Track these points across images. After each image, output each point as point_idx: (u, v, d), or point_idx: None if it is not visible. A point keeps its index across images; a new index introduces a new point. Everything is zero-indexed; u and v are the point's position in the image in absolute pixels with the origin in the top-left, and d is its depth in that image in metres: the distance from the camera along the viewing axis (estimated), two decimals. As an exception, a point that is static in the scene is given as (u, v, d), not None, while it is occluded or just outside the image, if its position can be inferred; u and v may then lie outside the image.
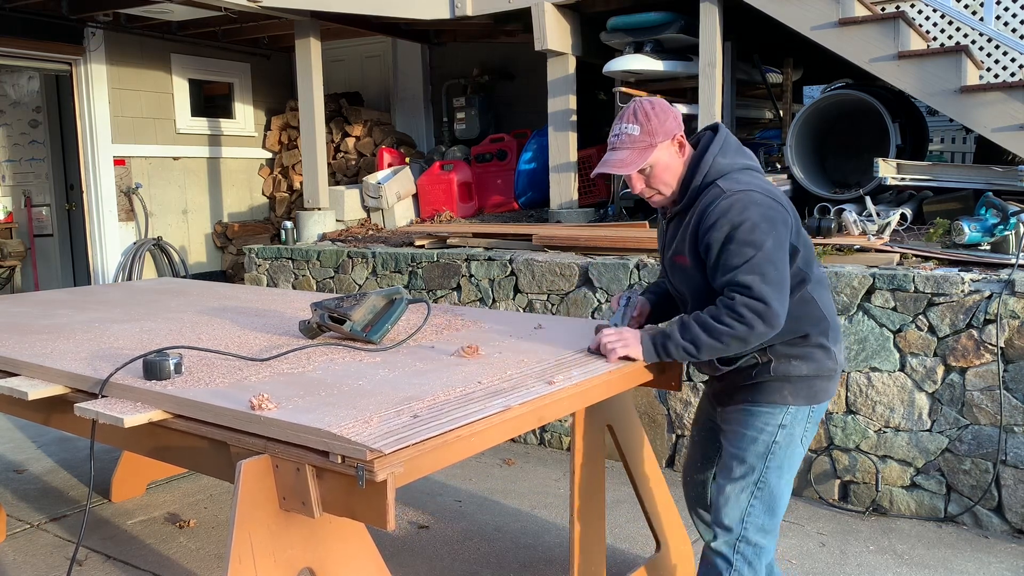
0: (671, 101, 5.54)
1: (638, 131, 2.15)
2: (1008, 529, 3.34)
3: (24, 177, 8.23)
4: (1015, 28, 5.38)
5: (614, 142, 2.19)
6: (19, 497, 3.88)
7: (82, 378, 2.14)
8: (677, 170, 2.21)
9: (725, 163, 2.17)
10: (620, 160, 2.17)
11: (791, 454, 2.24)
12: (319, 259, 5.44)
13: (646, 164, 2.16)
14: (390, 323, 2.52)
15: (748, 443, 2.23)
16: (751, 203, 2.06)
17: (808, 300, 2.19)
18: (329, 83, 7.33)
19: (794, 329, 2.17)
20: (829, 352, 2.22)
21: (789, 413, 2.21)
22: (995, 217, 3.63)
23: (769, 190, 2.13)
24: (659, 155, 2.16)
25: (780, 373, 2.20)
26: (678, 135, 2.19)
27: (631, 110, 2.18)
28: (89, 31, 6.78)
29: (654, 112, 2.16)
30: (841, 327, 2.33)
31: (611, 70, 5.30)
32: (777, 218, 2.08)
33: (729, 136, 2.24)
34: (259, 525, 1.74)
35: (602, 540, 2.86)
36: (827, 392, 2.25)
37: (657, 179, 2.20)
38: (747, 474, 2.23)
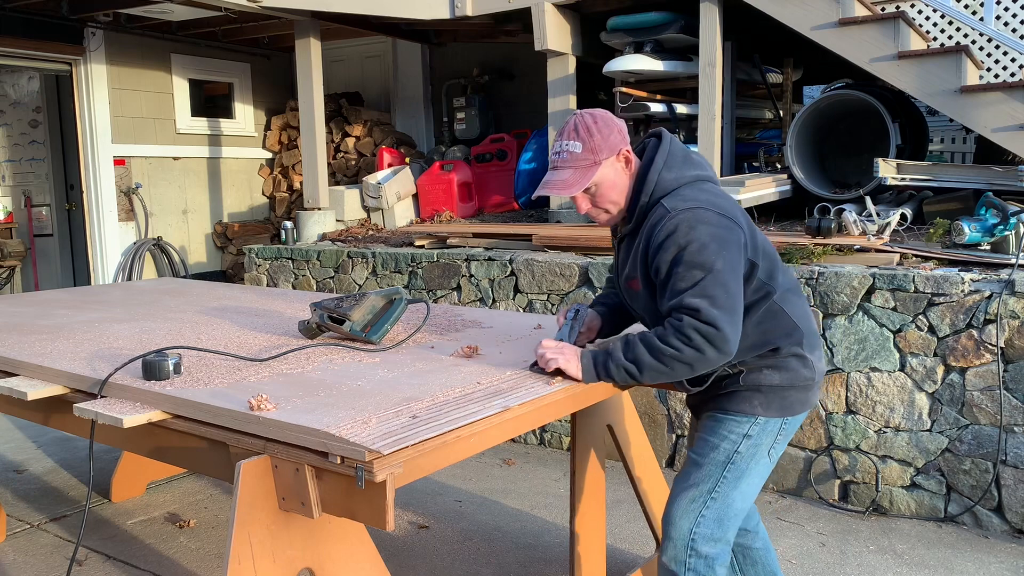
0: (671, 101, 5.56)
1: (580, 148, 2.02)
2: (1008, 529, 3.34)
3: (24, 177, 8.23)
4: (1015, 28, 5.38)
5: (555, 160, 2.06)
6: (19, 497, 3.88)
7: (81, 378, 2.14)
8: (624, 187, 2.08)
9: (671, 178, 2.03)
10: (562, 181, 2.03)
11: (754, 467, 2.12)
12: (319, 259, 5.44)
13: (591, 183, 2.03)
14: (390, 323, 2.52)
15: (708, 450, 2.13)
16: (698, 222, 1.93)
17: (776, 312, 2.08)
18: (329, 83, 7.33)
19: (764, 343, 2.07)
20: (805, 361, 2.11)
21: (757, 424, 2.10)
22: (995, 217, 3.63)
23: (718, 204, 1.99)
24: (604, 173, 2.03)
25: (751, 383, 2.10)
26: (623, 150, 2.06)
27: (571, 125, 2.05)
28: (89, 31, 6.78)
29: (597, 127, 2.03)
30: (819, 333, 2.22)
31: (611, 70, 5.30)
32: (728, 238, 1.94)
33: (674, 144, 2.09)
34: (258, 525, 1.74)
35: (602, 540, 2.86)
36: (804, 403, 2.14)
37: (603, 198, 2.07)
38: (701, 482, 2.12)
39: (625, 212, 2.11)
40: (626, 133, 2.08)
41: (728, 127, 5.48)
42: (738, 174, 5.55)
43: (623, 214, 2.11)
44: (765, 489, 3.84)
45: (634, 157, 2.09)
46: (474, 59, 7.45)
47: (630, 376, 2.00)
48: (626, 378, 2.01)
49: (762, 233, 2.10)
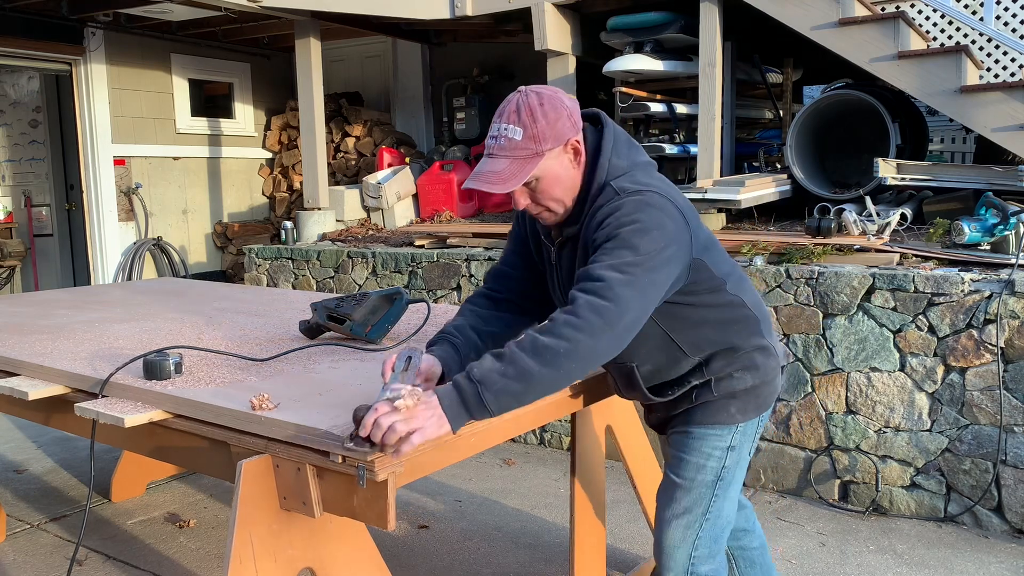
0: (671, 101, 5.55)
1: (520, 135, 1.69)
2: (1008, 529, 3.34)
3: (24, 177, 8.23)
4: (1015, 28, 5.38)
5: (491, 146, 1.72)
6: (19, 497, 3.88)
7: (82, 378, 2.14)
8: (571, 183, 1.76)
9: (622, 165, 1.76)
10: (497, 174, 1.69)
11: (739, 472, 2.01)
12: (319, 259, 5.44)
13: (530, 177, 1.71)
14: (390, 323, 2.52)
15: (694, 471, 1.95)
16: (647, 205, 1.67)
17: (735, 303, 1.89)
18: (329, 83, 7.33)
19: (728, 340, 1.89)
20: (768, 351, 1.94)
21: (738, 432, 1.94)
22: (995, 217, 3.63)
23: (668, 192, 1.75)
24: (547, 166, 1.71)
25: (724, 391, 1.91)
26: (572, 140, 1.73)
27: (513, 106, 1.71)
28: (89, 31, 6.78)
29: (542, 111, 1.69)
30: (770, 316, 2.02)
31: (611, 70, 5.30)
32: (673, 231, 1.68)
33: (617, 129, 1.82)
34: (259, 525, 1.74)
35: (602, 540, 2.86)
36: (774, 394, 1.99)
37: (545, 194, 1.75)
38: (694, 506, 1.96)
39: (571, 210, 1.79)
40: (577, 118, 1.76)
41: (728, 127, 5.48)
42: (738, 174, 5.55)
43: (568, 214, 1.80)
44: (765, 489, 3.84)
45: (585, 149, 1.78)
46: (474, 59, 7.45)
47: (514, 399, 1.57)
48: (509, 404, 1.57)
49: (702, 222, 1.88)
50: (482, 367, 1.58)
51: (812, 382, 3.70)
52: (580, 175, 1.77)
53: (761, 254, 3.95)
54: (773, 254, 3.94)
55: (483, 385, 1.55)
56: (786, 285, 3.73)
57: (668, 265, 1.68)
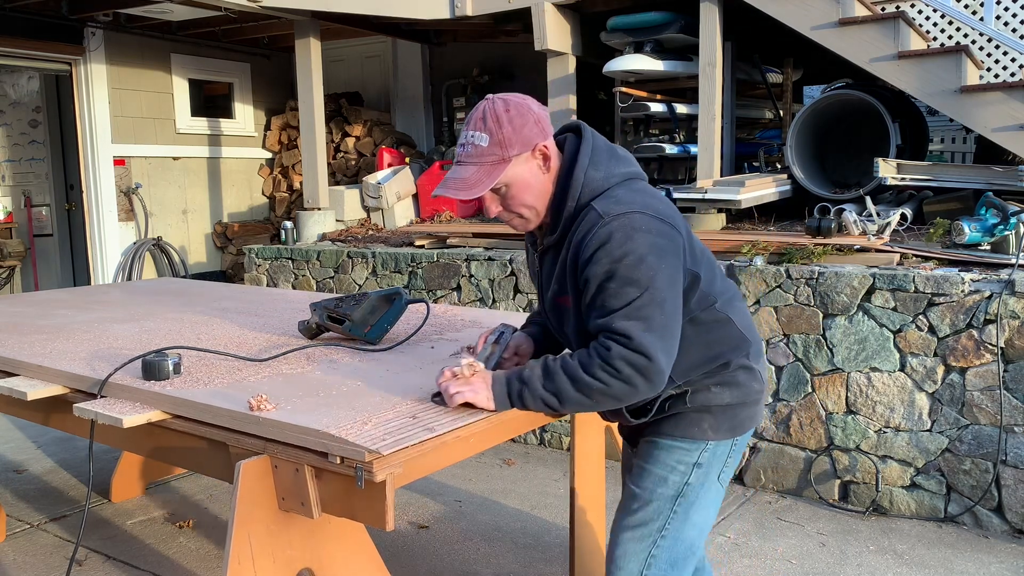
0: (671, 101, 5.55)
1: (487, 142, 1.71)
2: (1008, 529, 3.33)
3: (24, 177, 8.23)
4: (1015, 28, 5.38)
5: (459, 154, 1.75)
6: (19, 497, 3.88)
7: (81, 378, 2.14)
8: (542, 189, 1.77)
9: (599, 177, 1.74)
10: (464, 180, 1.72)
11: (705, 495, 1.89)
12: (319, 259, 5.44)
13: (499, 183, 1.73)
14: (389, 323, 2.52)
15: (654, 483, 1.87)
16: (635, 230, 1.66)
17: (723, 321, 1.84)
18: (329, 83, 7.33)
19: (713, 358, 1.83)
20: (753, 373, 1.88)
21: (708, 450, 1.86)
22: (995, 217, 3.63)
23: (654, 206, 1.72)
24: (515, 172, 1.73)
25: (699, 403, 1.85)
26: (540, 145, 1.74)
27: (480, 114, 1.74)
28: (89, 31, 6.78)
29: (508, 116, 1.71)
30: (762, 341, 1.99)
31: (611, 70, 5.30)
32: (667, 247, 1.68)
33: (597, 139, 1.81)
34: (258, 525, 1.74)
35: (602, 540, 2.86)
36: (753, 419, 1.91)
37: (515, 200, 1.76)
38: (650, 520, 1.87)
39: (547, 219, 1.81)
40: (546, 124, 1.77)
41: (728, 127, 5.48)
42: (738, 174, 5.54)
43: (543, 221, 1.82)
44: (765, 489, 3.84)
45: (555, 153, 1.78)
46: (474, 59, 7.45)
47: (549, 407, 1.75)
48: (544, 409, 1.76)
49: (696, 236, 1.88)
50: (532, 372, 1.75)
51: (812, 382, 3.69)
52: (551, 181, 1.78)
53: (761, 254, 3.94)
54: (773, 254, 3.94)
55: (527, 387, 1.75)
56: (786, 285, 3.72)
57: (672, 285, 1.70)
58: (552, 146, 1.78)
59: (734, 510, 3.64)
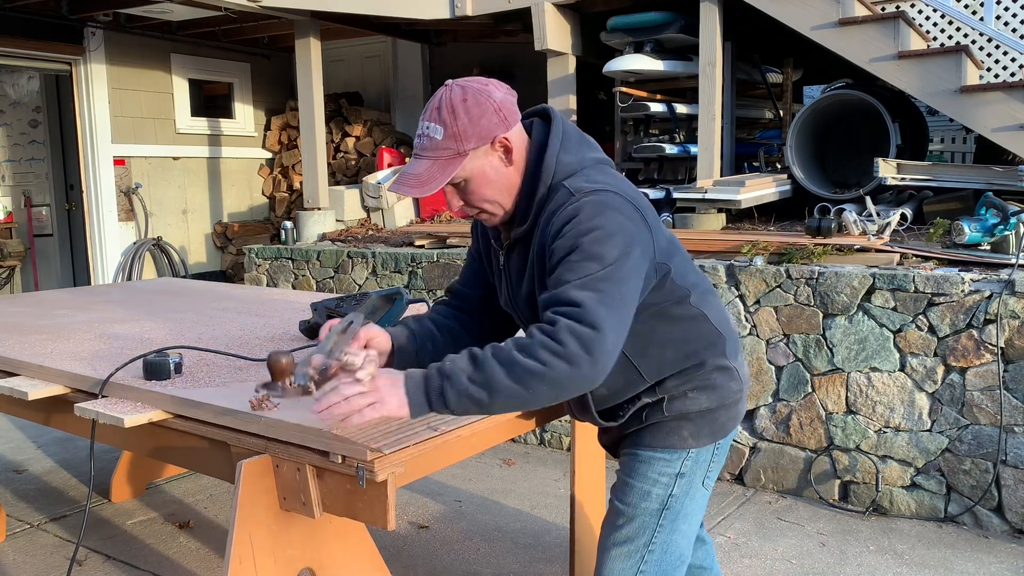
0: (671, 101, 5.55)
1: (441, 134, 1.58)
2: (1008, 529, 3.34)
3: (24, 177, 8.23)
4: (1015, 28, 5.38)
5: (417, 145, 1.63)
6: (19, 497, 3.88)
7: (82, 378, 2.14)
8: (504, 183, 1.65)
9: (571, 160, 1.65)
10: (417, 176, 1.59)
11: (690, 503, 1.82)
12: (319, 259, 5.44)
13: (456, 178, 1.61)
14: (390, 323, 2.52)
15: (638, 498, 1.79)
16: (606, 207, 1.56)
17: (697, 317, 1.74)
18: (329, 83, 7.33)
19: (687, 356, 1.74)
20: (730, 372, 1.79)
21: (689, 458, 1.78)
22: (995, 217, 3.63)
23: (626, 190, 1.64)
24: (473, 165, 1.60)
25: (677, 411, 1.76)
26: (500, 137, 1.61)
27: (436, 103, 1.60)
28: (89, 31, 6.78)
29: (464, 107, 1.58)
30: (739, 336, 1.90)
31: (611, 70, 5.30)
32: (636, 235, 1.58)
33: (567, 124, 1.71)
34: (259, 525, 1.74)
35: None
36: (734, 420, 1.83)
37: (476, 195, 1.65)
38: (635, 536, 1.80)
39: (515, 210, 1.69)
40: (508, 113, 1.62)
41: (728, 127, 5.48)
42: (738, 174, 5.55)
43: (510, 214, 1.70)
44: (765, 489, 3.84)
45: (520, 142, 1.66)
46: (474, 59, 7.45)
47: (476, 405, 1.50)
48: (469, 408, 1.50)
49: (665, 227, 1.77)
50: (455, 364, 1.52)
51: (812, 382, 3.69)
52: (516, 173, 1.66)
53: (761, 254, 3.95)
54: (773, 254, 3.94)
55: (449, 382, 1.50)
56: (786, 285, 3.72)
57: (636, 272, 1.57)
58: (515, 137, 1.64)
59: (734, 510, 3.64)
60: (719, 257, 4.08)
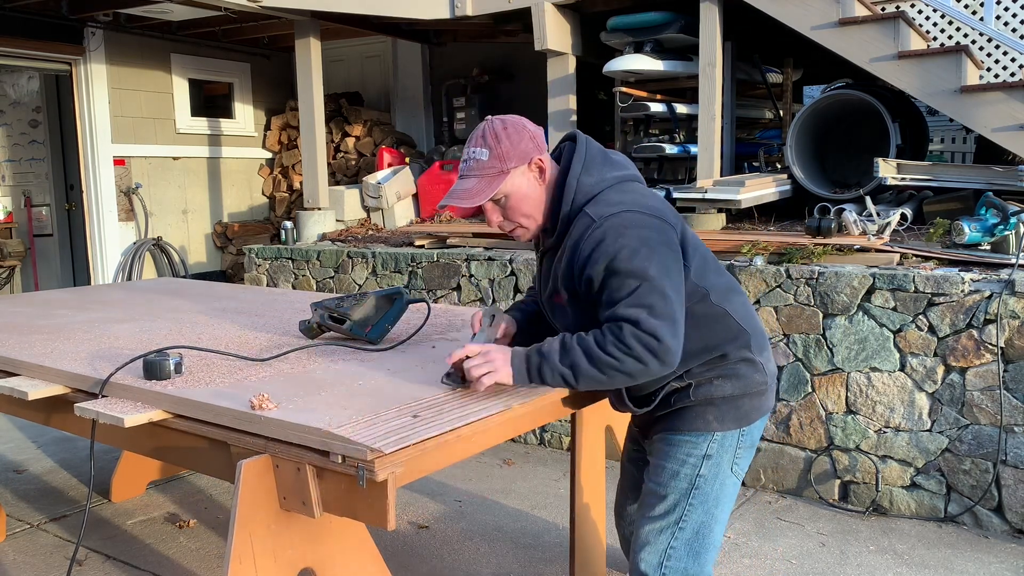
0: (671, 101, 5.56)
1: (487, 156, 1.88)
2: (1008, 529, 3.34)
3: (24, 177, 8.23)
4: (1015, 28, 5.38)
5: (462, 169, 1.92)
6: (19, 497, 3.88)
7: (82, 378, 2.14)
8: (538, 199, 1.93)
9: (591, 182, 1.90)
10: (467, 191, 1.89)
11: (721, 487, 1.99)
12: (319, 259, 5.44)
13: (499, 194, 1.89)
14: (390, 323, 2.52)
15: (668, 478, 1.99)
16: (624, 227, 1.80)
17: (719, 314, 1.95)
18: (329, 83, 7.33)
19: (708, 349, 1.94)
20: (756, 365, 1.98)
21: (715, 441, 1.97)
22: (995, 217, 3.63)
23: (643, 203, 1.87)
24: (513, 183, 1.89)
25: (702, 396, 1.95)
26: (536, 158, 1.90)
27: (480, 132, 1.92)
28: (89, 31, 6.78)
29: (506, 133, 1.89)
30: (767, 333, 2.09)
31: (611, 70, 5.30)
32: (658, 239, 1.82)
33: (591, 145, 1.96)
34: (259, 525, 1.74)
35: (602, 540, 2.86)
36: (760, 410, 2.01)
37: (515, 211, 1.93)
38: (667, 513, 1.98)
39: (546, 225, 1.97)
40: (541, 140, 1.93)
41: (728, 127, 5.48)
42: (738, 174, 5.55)
43: (543, 227, 1.97)
44: (765, 489, 3.84)
45: (550, 165, 1.94)
46: (474, 59, 7.45)
47: (565, 382, 1.84)
48: (560, 383, 1.86)
49: (693, 231, 2.00)
50: (551, 347, 1.85)
51: (812, 382, 3.70)
52: (547, 192, 1.94)
53: (761, 254, 3.95)
54: (773, 254, 3.94)
55: (546, 360, 1.84)
56: (786, 285, 3.73)
57: (670, 271, 1.81)
58: (547, 159, 1.93)
59: (734, 510, 3.64)
60: (719, 257, 4.08)
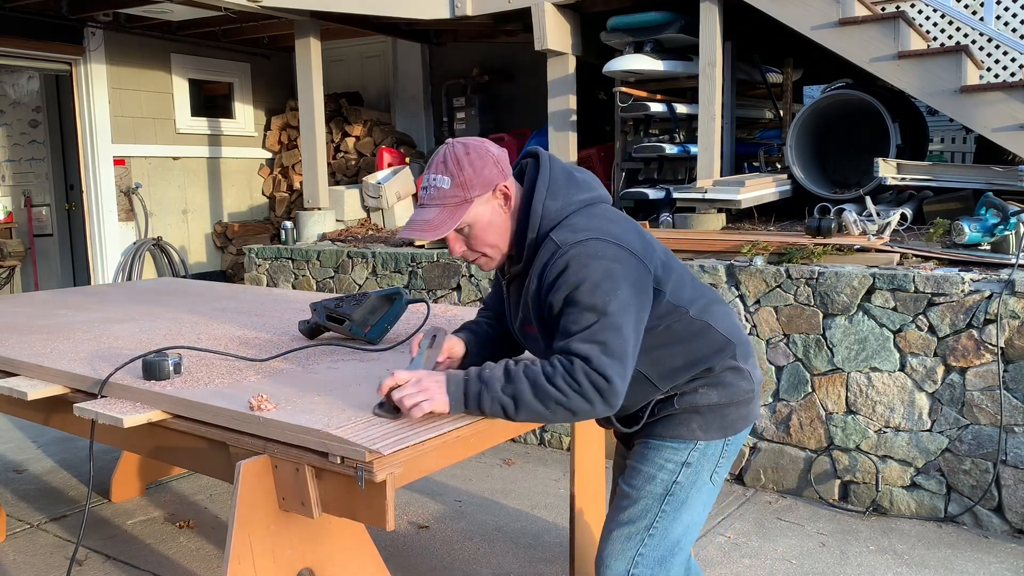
0: (671, 101, 5.55)
1: (448, 184, 1.74)
2: (1008, 529, 3.33)
3: (24, 177, 8.23)
4: (1015, 28, 5.38)
5: (422, 197, 1.79)
6: (19, 497, 3.88)
7: (82, 378, 2.14)
8: (503, 227, 1.81)
9: (556, 207, 1.78)
10: (427, 222, 1.75)
11: (696, 495, 1.91)
12: (319, 259, 5.44)
13: (462, 224, 1.77)
14: (389, 323, 2.52)
15: (643, 481, 1.91)
16: (590, 257, 1.70)
17: (701, 328, 1.85)
18: (329, 83, 7.33)
19: (694, 363, 1.86)
20: (742, 373, 1.90)
21: (698, 449, 1.88)
22: (995, 217, 3.63)
23: (610, 231, 1.75)
24: (477, 212, 1.77)
25: (687, 404, 1.88)
26: (500, 185, 1.78)
27: (440, 158, 1.78)
28: (89, 31, 6.78)
29: (468, 159, 1.75)
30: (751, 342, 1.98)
31: (611, 70, 5.30)
32: (620, 274, 1.71)
33: (555, 166, 1.84)
34: (258, 525, 1.74)
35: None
36: (746, 419, 1.93)
37: (479, 240, 1.81)
38: (638, 518, 1.90)
39: (511, 252, 1.85)
40: (506, 164, 1.81)
41: (728, 127, 5.48)
42: (738, 174, 5.55)
43: (506, 256, 1.86)
44: (765, 489, 3.84)
45: (515, 191, 1.83)
46: (474, 59, 7.45)
47: (504, 412, 1.71)
48: (499, 413, 1.72)
49: (663, 245, 1.90)
50: (493, 373, 1.73)
51: (812, 382, 3.69)
52: (512, 218, 1.82)
53: (761, 254, 3.94)
54: (773, 254, 3.94)
55: (486, 388, 1.71)
56: (786, 285, 3.72)
57: (630, 308, 1.71)
58: (512, 185, 1.82)
59: (734, 510, 3.64)
60: (719, 257, 4.08)
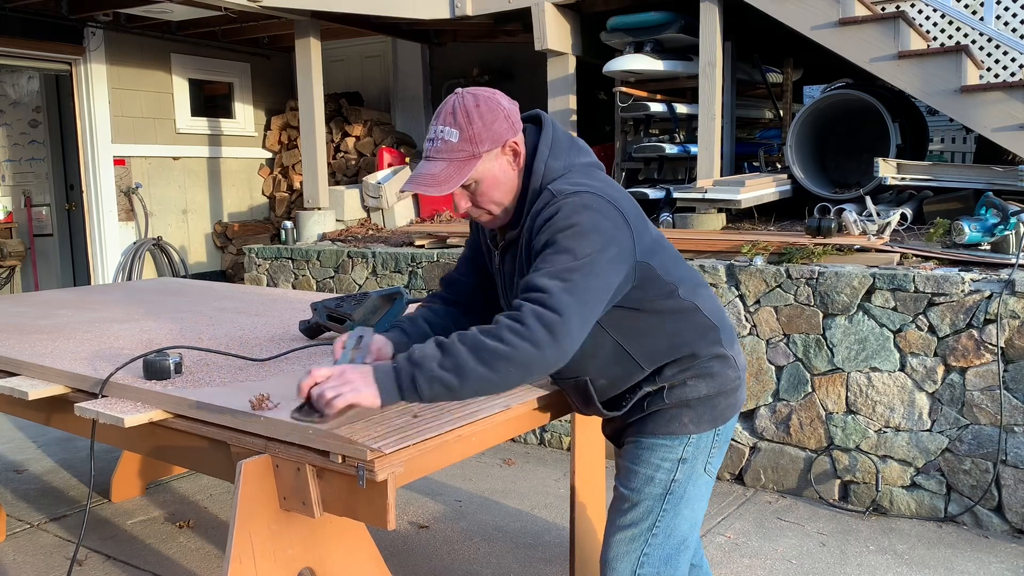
0: (671, 101, 5.55)
1: (456, 137, 1.65)
2: (1008, 529, 3.34)
3: (24, 177, 8.23)
4: (1015, 28, 5.38)
5: (428, 149, 1.69)
6: (19, 497, 3.88)
7: (82, 378, 2.14)
8: (511, 185, 1.73)
9: (559, 166, 1.72)
10: (433, 176, 1.66)
11: (693, 489, 1.88)
12: (319, 259, 5.44)
13: (469, 180, 1.68)
14: (390, 323, 2.52)
15: (641, 483, 1.86)
16: (585, 207, 1.62)
17: (689, 309, 1.80)
18: (329, 83, 7.33)
19: (681, 345, 1.80)
20: (728, 361, 1.85)
21: (691, 444, 1.84)
22: (995, 217, 3.63)
23: (610, 193, 1.69)
24: (486, 167, 1.68)
25: (677, 398, 1.82)
26: (510, 141, 1.70)
27: (449, 108, 1.68)
28: (89, 31, 6.78)
29: (478, 112, 1.66)
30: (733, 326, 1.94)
31: (611, 70, 5.30)
32: (614, 235, 1.63)
33: (557, 129, 1.78)
34: (259, 525, 1.74)
35: (602, 540, 2.85)
36: (734, 407, 1.89)
37: (485, 197, 1.72)
38: (640, 520, 1.87)
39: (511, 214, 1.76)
40: (516, 120, 1.72)
41: (728, 127, 5.48)
42: (738, 174, 5.55)
43: (509, 215, 1.77)
44: (765, 489, 3.84)
45: (524, 148, 1.74)
46: (474, 59, 7.45)
47: (447, 390, 1.55)
48: (441, 393, 1.56)
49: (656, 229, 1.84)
50: (423, 351, 1.58)
51: (812, 382, 3.69)
52: (518, 176, 1.74)
53: (761, 254, 3.95)
54: (773, 254, 3.94)
55: (419, 369, 1.56)
56: (786, 285, 3.72)
57: (609, 269, 1.63)
58: (522, 141, 1.74)
59: (734, 510, 3.64)
60: (719, 257, 4.08)
